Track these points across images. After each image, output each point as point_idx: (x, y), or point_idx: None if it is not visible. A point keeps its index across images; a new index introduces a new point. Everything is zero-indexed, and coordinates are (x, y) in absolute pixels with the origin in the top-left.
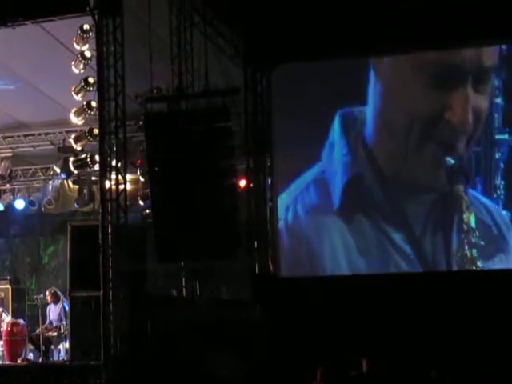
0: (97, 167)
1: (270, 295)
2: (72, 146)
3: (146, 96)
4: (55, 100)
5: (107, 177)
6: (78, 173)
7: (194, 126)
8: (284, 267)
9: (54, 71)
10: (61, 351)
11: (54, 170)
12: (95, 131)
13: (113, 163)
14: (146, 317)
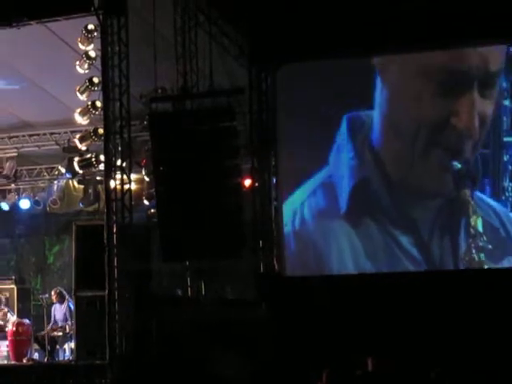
0: (102, 167)
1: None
2: (77, 145)
3: (151, 96)
4: (60, 100)
5: (112, 176)
6: (82, 173)
7: (199, 125)
8: (291, 271)
9: (59, 71)
10: (66, 351)
11: (59, 169)
12: (100, 131)
13: (118, 163)
14: (151, 316)
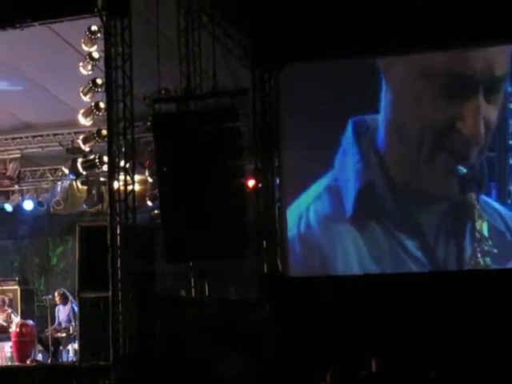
0: (105, 168)
1: (279, 295)
2: (80, 146)
3: (154, 97)
4: (63, 101)
5: (116, 178)
6: (86, 174)
7: (203, 126)
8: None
9: (62, 72)
10: (70, 352)
11: (63, 170)
12: (103, 132)
13: (121, 164)
14: (155, 317)
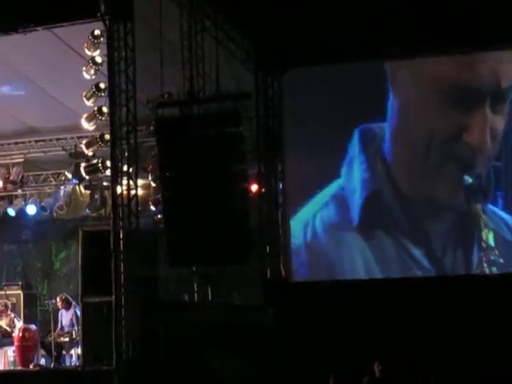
0: (108, 172)
1: (282, 300)
2: (83, 151)
3: (157, 101)
4: (66, 106)
5: (119, 182)
6: (89, 178)
7: (206, 130)
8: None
9: (65, 77)
10: (73, 357)
11: (66, 175)
12: (106, 137)
13: (124, 168)
14: (158, 322)
